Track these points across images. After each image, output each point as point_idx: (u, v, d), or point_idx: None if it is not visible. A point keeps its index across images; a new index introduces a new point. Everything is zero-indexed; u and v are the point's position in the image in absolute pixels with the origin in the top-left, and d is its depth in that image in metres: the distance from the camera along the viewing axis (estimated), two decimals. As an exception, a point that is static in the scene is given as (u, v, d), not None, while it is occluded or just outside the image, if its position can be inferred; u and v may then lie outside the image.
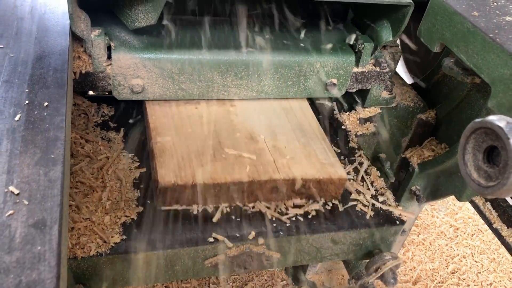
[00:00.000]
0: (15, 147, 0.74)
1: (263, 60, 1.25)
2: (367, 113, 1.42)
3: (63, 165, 0.74)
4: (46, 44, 0.97)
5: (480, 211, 1.38)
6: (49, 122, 0.80)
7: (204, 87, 1.24)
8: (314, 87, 1.34)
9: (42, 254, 0.61)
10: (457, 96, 1.37)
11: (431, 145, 1.45)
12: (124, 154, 1.18)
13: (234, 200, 1.15)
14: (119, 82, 1.17)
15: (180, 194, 1.09)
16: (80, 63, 1.11)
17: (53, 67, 0.91)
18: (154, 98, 1.23)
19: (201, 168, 1.11)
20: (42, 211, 0.66)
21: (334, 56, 1.30)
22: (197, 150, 1.16)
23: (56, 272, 0.59)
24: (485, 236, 2.54)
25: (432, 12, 1.16)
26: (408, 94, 1.48)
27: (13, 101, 0.82)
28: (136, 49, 1.15)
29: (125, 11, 1.13)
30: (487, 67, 1.01)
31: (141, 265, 1.04)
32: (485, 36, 1.00)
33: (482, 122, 0.78)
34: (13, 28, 1.00)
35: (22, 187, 0.69)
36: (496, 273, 2.34)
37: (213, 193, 1.11)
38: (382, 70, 1.35)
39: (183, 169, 1.09)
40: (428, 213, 2.63)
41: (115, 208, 1.04)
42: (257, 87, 1.29)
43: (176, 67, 1.18)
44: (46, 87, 0.86)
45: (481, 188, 0.80)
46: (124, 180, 1.10)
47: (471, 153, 0.82)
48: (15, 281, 0.57)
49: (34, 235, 0.63)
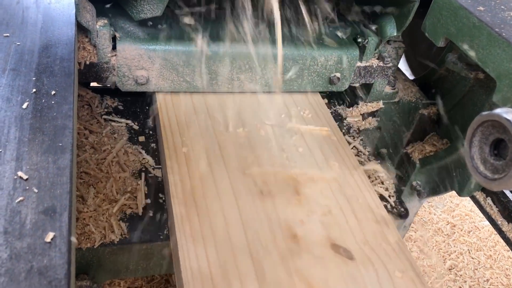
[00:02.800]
0: (24, 135, 0.74)
1: (267, 53, 1.25)
2: (370, 108, 1.42)
3: (71, 153, 0.73)
4: (52, 33, 0.96)
5: (481, 206, 1.39)
6: (56, 110, 0.79)
7: (208, 79, 1.24)
8: (318, 81, 1.34)
9: (53, 240, 0.61)
10: (459, 92, 1.37)
11: (432, 141, 1.46)
12: (128, 145, 1.17)
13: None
14: (124, 73, 1.16)
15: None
16: (85, 54, 1.11)
17: (60, 56, 0.91)
18: (158, 89, 1.23)
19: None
20: (51, 198, 0.66)
21: (338, 50, 1.30)
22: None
23: (67, 258, 0.59)
24: (481, 233, 2.55)
25: (437, 6, 1.16)
26: (411, 89, 1.48)
27: (21, 89, 0.82)
28: (141, 40, 1.14)
29: (131, 2, 1.13)
30: (493, 61, 1.01)
31: (145, 255, 1.04)
32: (491, 30, 1.01)
33: (490, 115, 0.78)
34: (18, 18, 0.99)
35: (31, 174, 0.69)
36: (492, 269, 2.35)
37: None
38: (386, 64, 1.35)
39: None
40: (426, 209, 2.65)
41: (120, 199, 1.04)
42: (261, 80, 1.29)
43: (181, 59, 1.18)
44: (53, 76, 0.86)
45: (487, 180, 0.80)
46: (129, 171, 1.09)
47: (478, 146, 0.83)
48: (27, 267, 0.57)
49: (45, 221, 0.63)
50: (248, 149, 1.15)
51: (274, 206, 1.03)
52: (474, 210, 2.65)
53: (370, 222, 1.03)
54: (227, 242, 0.93)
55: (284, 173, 1.11)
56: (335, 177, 1.13)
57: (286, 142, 1.20)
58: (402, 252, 0.98)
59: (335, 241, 0.98)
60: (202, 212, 0.98)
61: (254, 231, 0.97)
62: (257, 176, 1.09)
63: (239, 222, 0.98)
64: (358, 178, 1.14)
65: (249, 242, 0.94)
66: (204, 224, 0.96)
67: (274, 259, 0.92)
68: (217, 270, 0.88)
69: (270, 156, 1.15)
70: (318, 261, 0.93)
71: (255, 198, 1.04)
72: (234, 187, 1.05)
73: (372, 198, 1.10)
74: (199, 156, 1.10)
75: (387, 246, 0.99)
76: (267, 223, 1.00)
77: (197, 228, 0.95)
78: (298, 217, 1.02)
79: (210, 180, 1.05)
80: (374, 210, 1.07)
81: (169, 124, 1.18)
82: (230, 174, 1.07)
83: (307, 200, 1.06)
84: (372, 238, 1.00)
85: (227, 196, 1.02)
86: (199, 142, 1.14)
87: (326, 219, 1.02)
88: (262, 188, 1.06)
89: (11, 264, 0.57)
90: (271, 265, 0.91)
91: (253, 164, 1.11)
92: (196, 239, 0.92)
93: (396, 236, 1.01)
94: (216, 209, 0.99)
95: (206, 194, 1.02)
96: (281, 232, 0.98)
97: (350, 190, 1.10)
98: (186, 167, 1.07)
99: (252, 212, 1.00)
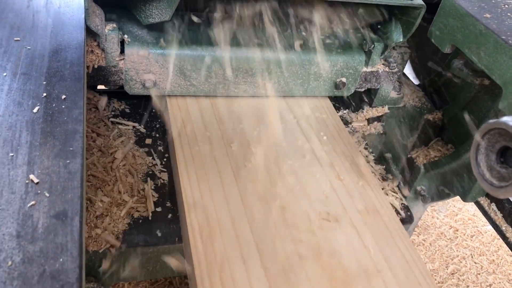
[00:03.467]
0: (35, 139, 0.75)
1: (273, 57, 1.26)
2: (375, 113, 1.43)
3: (82, 158, 0.74)
4: (62, 37, 0.97)
5: (485, 212, 1.40)
6: (67, 115, 0.80)
7: (214, 83, 1.25)
8: (323, 86, 1.34)
9: (65, 244, 0.62)
10: (464, 97, 1.38)
11: (437, 146, 1.46)
12: (136, 148, 1.18)
13: None
14: (131, 77, 1.17)
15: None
16: (93, 57, 1.12)
17: (70, 61, 0.92)
18: (166, 93, 1.23)
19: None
20: (63, 202, 0.67)
21: (344, 55, 1.31)
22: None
23: (78, 262, 0.60)
24: (484, 237, 2.55)
25: (444, 13, 1.17)
26: (416, 94, 1.49)
27: (32, 93, 0.83)
28: (149, 44, 1.15)
29: (139, 6, 1.14)
30: (499, 69, 1.02)
31: (150, 259, 1.05)
32: (497, 38, 1.01)
33: (497, 123, 0.79)
34: (29, 22, 1.00)
35: (43, 178, 0.69)
36: (495, 274, 2.35)
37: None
38: (391, 70, 1.35)
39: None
40: (428, 214, 2.65)
41: (127, 202, 1.05)
42: (267, 84, 1.30)
43: (188, 63, 1.19)
44: (64, 80, 0.87)
45: (493, 188, 0.81)
46: (136, 175, 1.10)
47: (484, 153, 0.83)
48: (39, 270, 0.58)
49: (56, 225, 0.64)
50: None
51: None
52: (477, 214, 2.65)
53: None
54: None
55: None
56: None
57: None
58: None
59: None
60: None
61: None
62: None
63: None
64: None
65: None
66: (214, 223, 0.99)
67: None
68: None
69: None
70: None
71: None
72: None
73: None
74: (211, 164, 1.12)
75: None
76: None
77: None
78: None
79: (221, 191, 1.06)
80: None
81: (182, 130, 1.19)
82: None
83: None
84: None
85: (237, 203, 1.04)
86: (209, 147, 1.15)
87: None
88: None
89: (24, 267, 0.58)
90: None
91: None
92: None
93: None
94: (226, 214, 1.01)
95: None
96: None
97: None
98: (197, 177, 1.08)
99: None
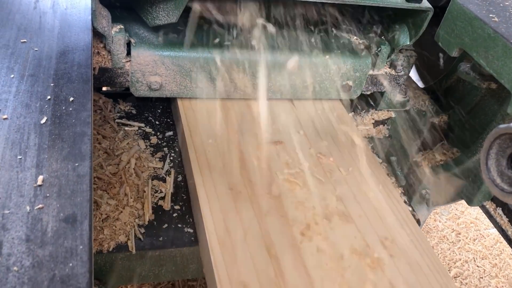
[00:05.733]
0: (43, 142, 0.74)
1: (280, 60, 1.25)
2: (381, 116, 1.43)
3: (90, 161, 0.74)
4: (69, 39, 0.97)
5: (491, 216, 1.39)
6: (75, 117, 0.80)
7: (221, 85, 1.24)
8: (330, 89, 1.34)
9: (74, 249, 0.61)
10: (470, 101, 1.37)
11: (442, 149, 1.45)
12: (143, 150, 1.18)
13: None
14: (137, 79, 1.17)
15: None
16: (100, 59, 1.11)
17: (77, 62, 0.91)
18: (171, 95, 1.23)
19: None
20: (72, 206, 0.66)
21: (351, 58, 1.30)
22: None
23: (88, 267, 0.60)
24: (487, 241, 2.54)
25: (451, 17, 1.16)
26: (421, 98, 1.48)
27: (39, 95, 0.82)
28: (156, 46, 1.15)
29: (146, 8, 1.13)
30: (508, 73, 1.01)
31: (157, 262, 1.04)
32: (506, 42, 1.01)
33: (508, 128, 0.78)
34: (36, 23, 0.99)
35: (52, 181, 0.69)
36: (498, 278, 2.35)
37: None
38: (398, 73, 1.35)
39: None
40: (431, 217, 2.64)
41: (133, 204, 1.04)
42: (273, 87, 1.30)
43: (194, 65, 1.19)
44: (71, 82, 0.86)
45: (504, 193, 0.80)
46: (142, 177, 1.10)
47: (495, 158, 0.82)
48: (49, 275, 0.57)
49: (66, 229, 0.63)
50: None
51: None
52: (479, 217, 2.65)
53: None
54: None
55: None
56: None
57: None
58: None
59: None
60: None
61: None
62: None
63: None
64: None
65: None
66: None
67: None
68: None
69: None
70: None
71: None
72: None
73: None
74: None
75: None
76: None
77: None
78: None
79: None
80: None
81: (194, 131, 1.19)
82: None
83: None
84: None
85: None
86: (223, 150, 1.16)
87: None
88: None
89: (33, 272, 0.57)
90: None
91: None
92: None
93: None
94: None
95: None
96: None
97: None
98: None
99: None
